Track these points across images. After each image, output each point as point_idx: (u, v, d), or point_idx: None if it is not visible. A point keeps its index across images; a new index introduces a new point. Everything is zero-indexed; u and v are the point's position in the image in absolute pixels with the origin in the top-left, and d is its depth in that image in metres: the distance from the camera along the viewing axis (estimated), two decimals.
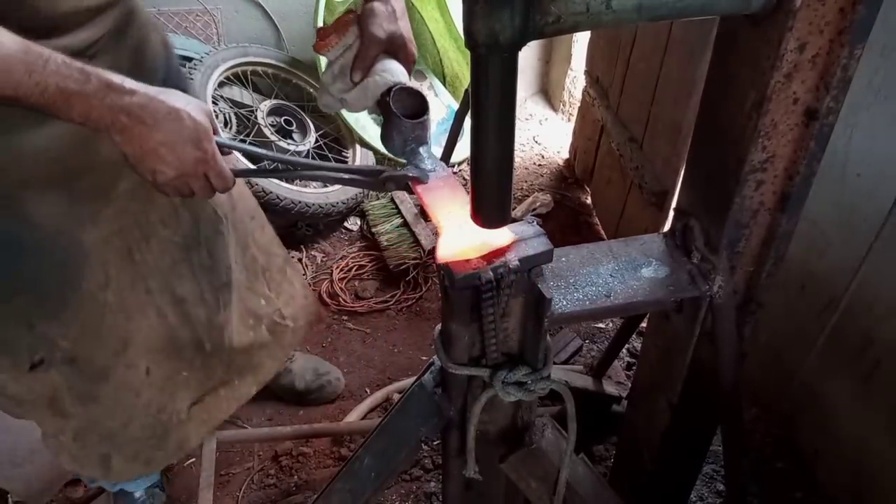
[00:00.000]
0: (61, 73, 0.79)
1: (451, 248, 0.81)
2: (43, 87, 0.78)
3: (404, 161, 1.04)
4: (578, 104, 2.94)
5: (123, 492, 1.67)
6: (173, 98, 0.89)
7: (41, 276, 1.07)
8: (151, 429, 1.32)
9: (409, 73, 1.09)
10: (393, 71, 1.06)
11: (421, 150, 1.04)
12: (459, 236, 0.83)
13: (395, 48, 1.06)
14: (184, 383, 1.32)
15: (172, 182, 0.91)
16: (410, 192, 0.99)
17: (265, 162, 2.37)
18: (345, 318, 2.39)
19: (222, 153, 0.95)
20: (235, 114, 2.65)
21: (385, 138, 1.07)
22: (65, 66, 0.80)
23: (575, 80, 3.33)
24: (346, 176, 1.03)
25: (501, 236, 0.81)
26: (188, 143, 0.89)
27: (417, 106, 1.06)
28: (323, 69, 1.09)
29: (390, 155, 1.00)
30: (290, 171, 1.09)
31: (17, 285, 1.06)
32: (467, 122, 0.72)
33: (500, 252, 0.81)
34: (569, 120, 3.39)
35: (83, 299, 1.10)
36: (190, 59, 2.55)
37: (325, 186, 2.70)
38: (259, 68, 2.75)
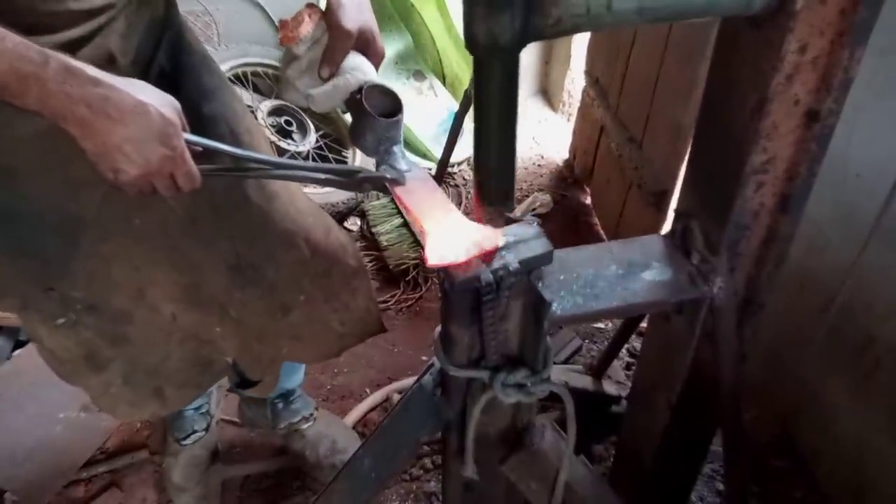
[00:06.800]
0: (17, 52, 0.73)
1: (440, 253, 0.79)
2: None
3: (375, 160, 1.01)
4: (578, 104, 2.94)
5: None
6: (140, 90, 0.83)
7: (41, 242, 1.06)
8: (192, 360, 1.33)
9: (377, 68, 1.06)
10: (363, 69, 1.02)
11: (395, 149, 1.01)
12: (446, 239, 0.81)
13: (363, 42, 1.02)
14: (220, 337, 1.32)
15: (135, 181, 0.86)
16: (387, 193, 0.96)
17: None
18: None
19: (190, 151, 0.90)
20: None
21: (356, 137, 1.03)
22: (22, 46, 0.74)
23: (574, 81, 3.33)
24: (322, 176, 0.99)
25: (492, 237, 0.80)
26: (155, 139, 0.83)
27: (390, 104, 1.03)
28: (283, 62, 1.05)
29: None
30: (262, 170, 1.03)
31: (21, 250, 1.06)
32: (468, 122, 0.72)
33: (492, 253, 0.79)
34: (568, 120, 3.39)
35: (84, 255, 1.09)
36: None
37: (325, 186, 2.69)
38: (259, 69, 2.74)
